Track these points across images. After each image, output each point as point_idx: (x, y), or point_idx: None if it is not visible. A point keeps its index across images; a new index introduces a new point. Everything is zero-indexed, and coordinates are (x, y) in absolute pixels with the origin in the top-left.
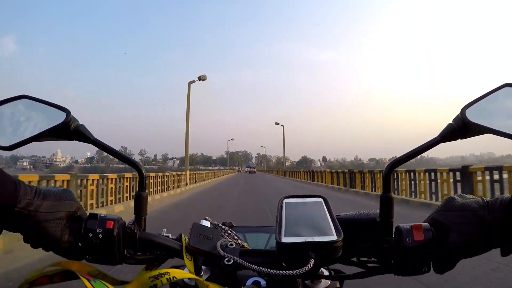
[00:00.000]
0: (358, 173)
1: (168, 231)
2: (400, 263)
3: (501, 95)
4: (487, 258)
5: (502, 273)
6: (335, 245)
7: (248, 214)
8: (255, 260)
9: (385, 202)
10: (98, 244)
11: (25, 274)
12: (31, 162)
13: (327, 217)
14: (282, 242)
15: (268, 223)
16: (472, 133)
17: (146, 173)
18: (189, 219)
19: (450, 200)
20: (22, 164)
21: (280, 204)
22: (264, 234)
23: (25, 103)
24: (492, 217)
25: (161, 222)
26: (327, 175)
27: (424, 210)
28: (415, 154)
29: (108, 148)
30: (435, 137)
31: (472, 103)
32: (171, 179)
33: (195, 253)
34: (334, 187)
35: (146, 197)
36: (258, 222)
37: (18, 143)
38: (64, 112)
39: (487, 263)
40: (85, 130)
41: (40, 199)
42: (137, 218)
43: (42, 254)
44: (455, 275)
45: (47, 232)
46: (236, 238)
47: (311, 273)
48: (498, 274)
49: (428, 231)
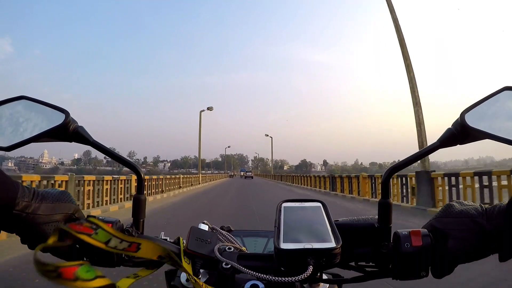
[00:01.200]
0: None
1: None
2: (398, 268)
3: (501, 98)
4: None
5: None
6: (334, 252)
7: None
8: (253, 264)
9: (383, 208)
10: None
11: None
12: (16, 163)
13: (326, 222)
14: (281, 248)
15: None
16: (471, 138)
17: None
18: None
19: (449, 206)
20: (7, 165)
21: (279, 208)
22: (262, 239)
23: (24, 104)
24: (490, 224)
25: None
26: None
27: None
28: (414, 159)
29: (107, 150)
30: (434, 143)
31: (472, 107)
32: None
33: (193, 256)
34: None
35: (145, 200)
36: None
37: (17, 144)
38: (63, 113)
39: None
40: (84, 131)
41: (38, 201)
42: (135, 221)
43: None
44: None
45: (45, 235)
46: (234, 242)
47: (309, 279)
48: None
49: (426, 237)
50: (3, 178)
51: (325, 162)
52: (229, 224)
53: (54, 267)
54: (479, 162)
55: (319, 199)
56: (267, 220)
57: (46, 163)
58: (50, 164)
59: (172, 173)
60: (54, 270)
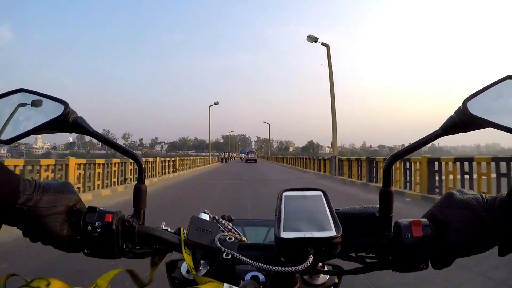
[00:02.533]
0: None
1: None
2: (399, 259)
3: (504, 87)
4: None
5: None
6: (334, 241)
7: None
8: (253, 255)
9: (385, 196)
10: (97, 238)
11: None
12: (9, 149)
13: (327, 211)
14: (281, 237)
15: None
16: (473, 126)
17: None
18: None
19: (450, 195)
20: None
21: (280, 197)
22: (263, 228)
23: (23, 97)
24: (491, 218)
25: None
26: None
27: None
28: (416, 147)
29: (107, 140)
30: (436, 130)
31: (474, 95)
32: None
33: (194, 247)
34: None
35: (145, 190)
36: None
37: (17, 136)
38: (62, 104)
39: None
40: (83, 122)
41: (40, 194)
42: (136, 211)
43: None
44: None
45: (46, 227)
46: (234, 232)
47: (310, 269)
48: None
49: (427, 227)
50: (5, 173)
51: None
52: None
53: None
54: (488, 149)
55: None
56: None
57: (39, 148)
58: (43, 149)
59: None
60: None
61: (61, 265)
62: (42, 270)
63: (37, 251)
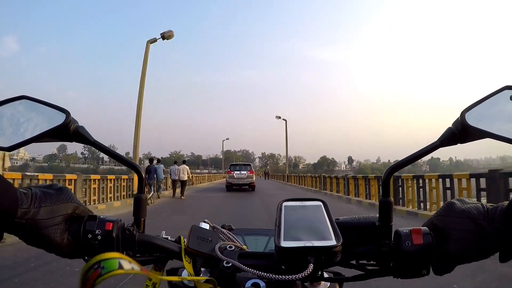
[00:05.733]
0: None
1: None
2: (399, 266)
3: (502, 97)
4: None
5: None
6: (334, 250)
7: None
8: (254, 263)
9: (384, 206)
10: (97, 246)
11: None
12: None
13: (327, 221)
14: (281, 246)
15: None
16: (472, 137)
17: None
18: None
19: (450, 204)
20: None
21: (279, 207)
22: (263, 237)
23: (25, 104)
24: (491, 227)
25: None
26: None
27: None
28: (415, 158)
29: (107, 150)
30: (434, 142)
31: (472, 106)
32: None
33: (194, 255)
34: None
35: (146, 199)
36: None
37: (17, 144)
38: (63, 113)
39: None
40: (84, 131)
41: (37, 206)
42: (136, 220)
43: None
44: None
45: (46, 238)
46: (235, 241)
47: (310, 277)
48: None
49: (428, 235)
50: (6, 185)
51: (351, 159)
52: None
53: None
54: (504, 161)
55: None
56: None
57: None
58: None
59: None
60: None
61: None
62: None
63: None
